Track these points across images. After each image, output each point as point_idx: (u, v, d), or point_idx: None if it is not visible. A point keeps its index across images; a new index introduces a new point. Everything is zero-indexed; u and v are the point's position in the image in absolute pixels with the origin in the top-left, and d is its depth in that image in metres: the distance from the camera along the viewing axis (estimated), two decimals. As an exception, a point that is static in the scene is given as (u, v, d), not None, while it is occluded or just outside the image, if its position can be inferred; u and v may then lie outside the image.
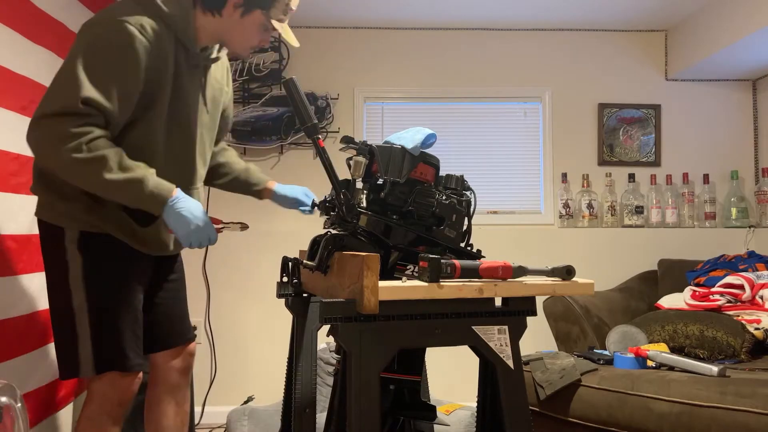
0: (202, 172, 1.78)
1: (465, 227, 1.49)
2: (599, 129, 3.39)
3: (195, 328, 3.14)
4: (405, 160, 1.46)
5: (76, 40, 1.50)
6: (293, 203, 1.96)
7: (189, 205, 1.53)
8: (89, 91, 1.43)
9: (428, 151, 1.52)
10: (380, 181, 1.48)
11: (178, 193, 1.53)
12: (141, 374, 1.66)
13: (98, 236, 1.58)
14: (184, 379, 1.88)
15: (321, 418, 1.86)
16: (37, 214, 1.62)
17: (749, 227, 3.27)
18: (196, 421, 3.07)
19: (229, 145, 2.08)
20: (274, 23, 1.61)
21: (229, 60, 1.86)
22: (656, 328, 2.48)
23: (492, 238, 3.21)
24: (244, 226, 1.73)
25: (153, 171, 1.52)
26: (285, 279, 1.70)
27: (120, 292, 1.61)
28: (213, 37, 1.65)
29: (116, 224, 1.59)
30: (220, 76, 1.82)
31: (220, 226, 1.66)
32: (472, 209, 1.51)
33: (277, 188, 1.97)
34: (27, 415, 1.56)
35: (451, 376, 2.91)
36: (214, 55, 1.72)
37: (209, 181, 1.95)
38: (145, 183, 1.48)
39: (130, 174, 1.46)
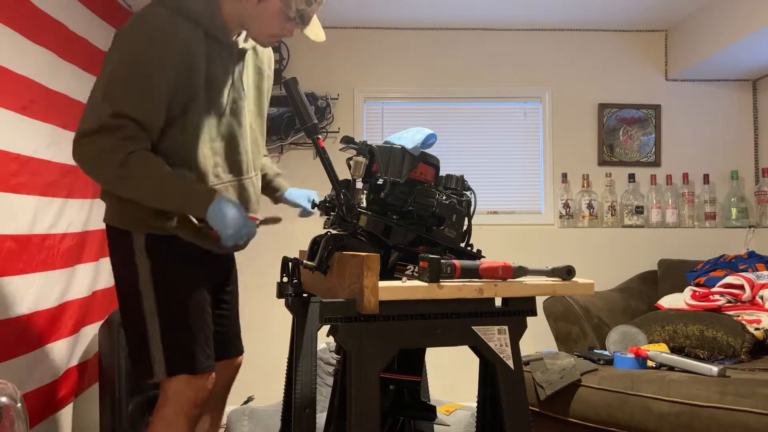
0: (257, 160, 1.78)
1: (465, 227, 1.48)
2: (599, 129, 3.39)
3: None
4: (405, 160, 1.46)
5: (109, 51, 1.53)
6: (296, 206, 1.99)
7: (228, 207, 1.55)
8: (119, 105, 1.45)
9: (428, 151, 1.52)
10: (380, 181, 1.48)
11: (218, 196, 1.54)
12: (213, 374, 1.66)
13: (165, 239, 1.58)
14: (226, 391, 1.88)
15: (321, 418, 1.85)
16: (105, 220, 1.64)
17: (749, 227, 3.27)
18: (196, 421, 3.06)
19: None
20: (294, 17, 1.57)
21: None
22: (656, 329, 2.48)
23: (492, 238, 3.20)
24: (277, 220, 1.77)
25: (193, 177, 1.55)
26: (285, 279, 1.70)
27: (189, 294, 1.61)
28: (237, 22, 1.62)
29: (182, 225, 1.59)
30: (264, 63, 1.80)
31: (257, 222, 1.68)
32: (472, 209, 1.51)
33: (287, 194, 1.99)
34: (27, 415, 1.56)
35: (451, 376, 2.90)
36: (241, 44, 1.68)
37: None
38: (185, 190, 1.52)
39: (171, 184, 1.51)
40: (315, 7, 1.60)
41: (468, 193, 1.53)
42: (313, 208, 1.92)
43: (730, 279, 2.63)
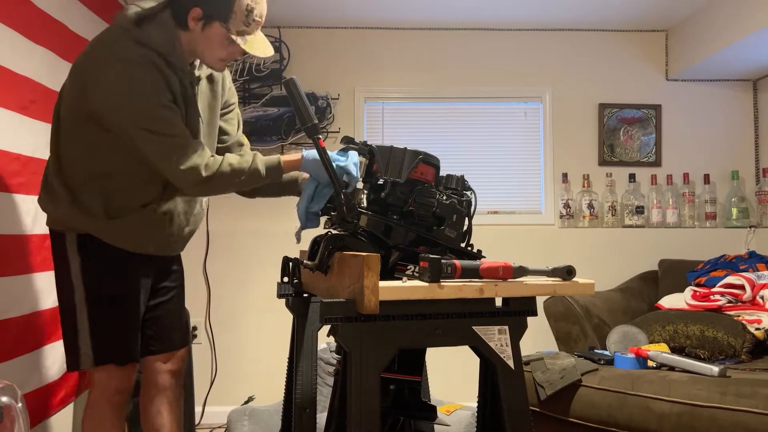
0: None
1: (465, 227, 1.48)
2: (599, 129, 3.39)
3: (195, 328, 3.14)
4: (405, 159, 1.46)
5: (94, 89, 1.57)
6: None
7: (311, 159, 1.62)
8: (176, 128, 1.59)
9: (428, 151, 1.52)
10: (381, 181, 1.48)
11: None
12: (138, 364, 1.80)
13: (94, 238, 1.69)
14: (176, 381, 1.92)
15: (321, 418, 1.85)
16: (47, 224, 1.78)
17: (750, 227, 3.27)
18: (196, 421, 3.06)
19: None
20: (237, 39, 1.62)
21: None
22: (657, 329, 2.48)
23: (492, 238, 3.21)
24: None
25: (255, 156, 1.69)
26: (285, 279, 1.70)
27: (115, 287, 1.72)
28: (191, 52, 1.69)
29: (110, 233, 1.70)
30: (218, 84, 1.84)
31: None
32: (472, 209, 1.51)
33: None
34: (27, 415, 1.56)
35: (451, 376, 2.90)
36: (197, 72, 1.75)
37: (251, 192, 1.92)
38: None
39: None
40: (254, 27, 1.65)
41: (468, 193, 1.53)
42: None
43: (730, 279, 2.63)
